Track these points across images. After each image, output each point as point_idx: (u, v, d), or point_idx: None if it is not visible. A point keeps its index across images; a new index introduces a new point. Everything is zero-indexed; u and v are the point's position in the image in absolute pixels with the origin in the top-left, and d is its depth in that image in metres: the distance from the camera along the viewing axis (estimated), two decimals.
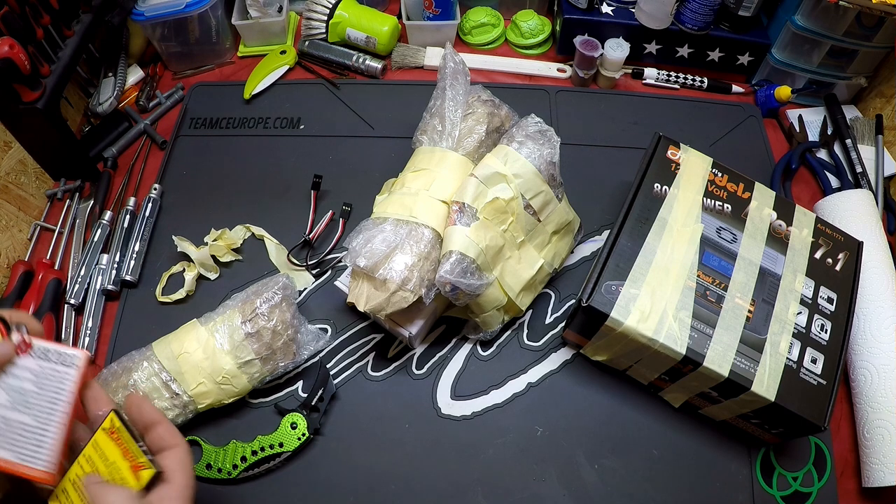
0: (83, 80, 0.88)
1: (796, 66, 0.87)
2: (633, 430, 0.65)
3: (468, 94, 0.68)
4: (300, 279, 0.72)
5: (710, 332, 0.58)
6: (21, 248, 0.75)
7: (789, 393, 0.56)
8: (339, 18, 0.91)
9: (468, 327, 0.68)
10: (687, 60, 0.92)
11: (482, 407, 0.65)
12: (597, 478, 0.62)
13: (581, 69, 0.89)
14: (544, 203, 0.64)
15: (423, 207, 0.61)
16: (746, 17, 0.86)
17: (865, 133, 0.86)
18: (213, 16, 0.86)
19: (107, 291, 0.71)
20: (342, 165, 0.81)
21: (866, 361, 0.64)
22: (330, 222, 0.76)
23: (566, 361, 0.68)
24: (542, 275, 0.68)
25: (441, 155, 0.64)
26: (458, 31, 0.96)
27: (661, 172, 0.67)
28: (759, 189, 0.68)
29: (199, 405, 0.59)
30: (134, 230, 0.74)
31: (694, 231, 0.63)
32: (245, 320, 0.61)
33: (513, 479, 0.62)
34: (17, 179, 0.74)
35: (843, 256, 0.65)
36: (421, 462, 0.63)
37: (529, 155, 0.62)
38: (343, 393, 0.66)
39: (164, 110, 0.87)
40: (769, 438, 0.63)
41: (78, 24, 0.77)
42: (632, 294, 0.59)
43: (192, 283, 0.71)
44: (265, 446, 0.60)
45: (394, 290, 0.57)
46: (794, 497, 0.62)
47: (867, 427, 0.63)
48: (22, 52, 0.64)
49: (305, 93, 0.89)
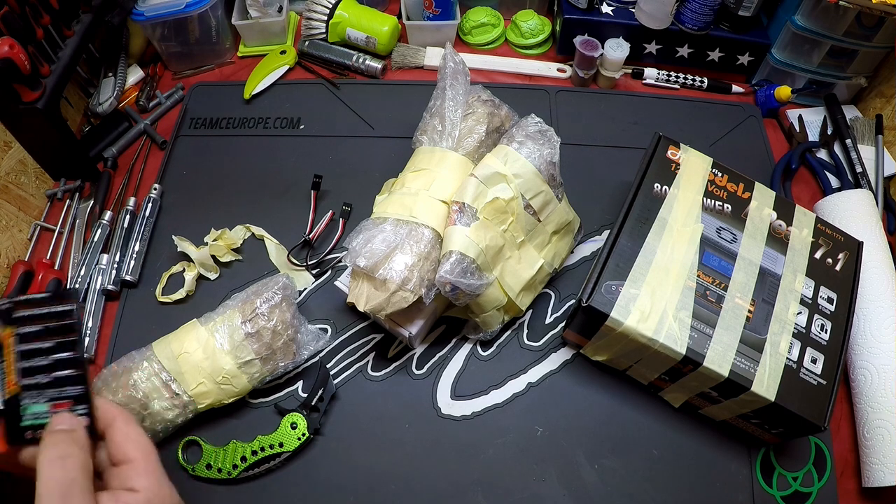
0: (83, 80, 0.88)
1: (796, 66, 0.88)
2: (633, 430, 0.65)
3: (468, 94, 0.68)
4: (300, 279, 0.72)
5: (710, 332, 0.58)
6: (21, 248, 0.75)
7: (789, 393, 0.56)
8: (339, 18, 0.91)
9: (468, 327, 0.68)
10: (687, 60, 0.92)
11: (482, 407, 0.65)
12: (597, 478, 0.62)
13: (581, 69, 0.89)
14: (544, 203, 0.64)
15: (423, 207, 0.61)
16: (746, 17, 0.86)
17: (865, 133, 0.86)
18: (213, 16, 0.86)
19: (107, 291, 0.71)
20: (342, 165, 0.81)
21: (866, 361, 0.64)
22: (330, 222, 0.76)
23: (566, 361, 0.68)
24: (542, 275, 0.68)
25: (441, 155, 0.64)
26: (458, 31, 0.96)
27: (661, 172, 0.67)
28: (759, 189, 0.68)
29: (199, 405, 0.59)
30: (134, 230, 0.74)
31: (694, 231, 0.63)
32: (245, 320, 0.61)
33: (513, 479, 0.62)
34: (17, 179, 0.74)
35: (843, 256, 0.65)
36: (421, 462, 0.63)
37: (529, 155, 0.62)
38: (343, 393, 0.66)
39: (164, 110, 0.87)
40: (769, 438, 0.63)
41: (78, 24, 0.77)
42: (632, 294, 0.59)
43: (192, 283, 0.71)
44: (265, 446, 0.60)
45: (394, 290, 0.57)
46: (794, 497, 0.62)
47: (867, 427, 0.63)
48: (22, 52, 0.64)
49: (305, 93, 0.89)
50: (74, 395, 0.42)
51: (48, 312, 0.43)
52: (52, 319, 0.43)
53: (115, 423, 0.41)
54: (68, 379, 0.42)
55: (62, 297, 0.43)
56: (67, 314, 0.43)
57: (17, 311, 0.43)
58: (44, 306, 0.43)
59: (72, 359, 0.42)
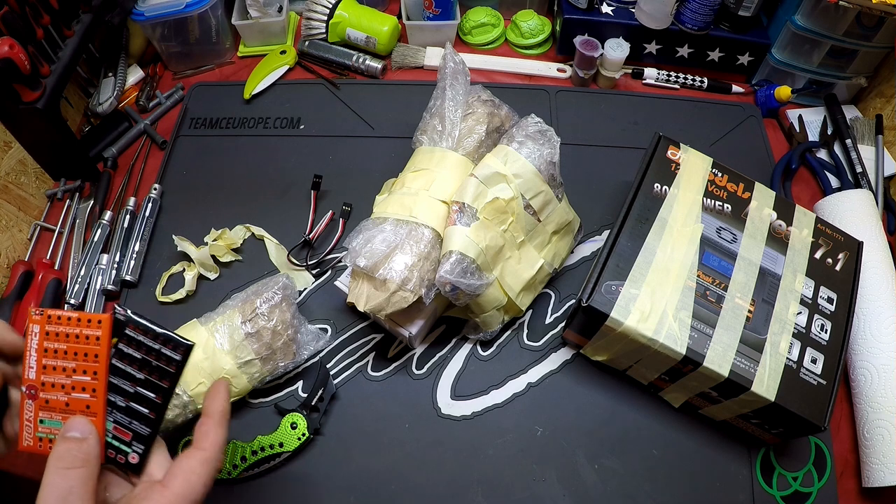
0: (83, 80, 0.88)
1: (796, 66, 0.88)
2: (633, 430, 0.65)
3: (468, 94, 0.68)
4: (300, 279, 0.72)
5: (710, 332, 0.58)
6: (21, 248, 0.75)
7: (789, 393, 0.56)
8: (339, 18, 0.91)
9: (468, 327, 0.68)
10: (687, 60, 0.92)
11: (482, 407, 0.65)
12: (597, 478, 0.62)
13: (581, 69, 0.89)
14: (544, 203, 0.64)
15: (423, 207, 0.61)
16: (746, 17, 0.86)
17: (865, 133, 0.86)
18: (213, 16, 0.86)
19: (107, 291, 0.71)
20: (342, 165, 0.81)
21: (866, 361, 0.64)
22: (330, 222, 0.76)
23: (566, 361, 0.68)
24: (542, 275, 0.68)
25: (441, 155, 0.64)
26: (458, 31, 0.96)
27: (661, 172, 0.67)
28: (759, 189, 0.68)
29: (199, 405, 0.59)
30: (134, 230, 0.74)
31: (694, 231, 0.63)
32: (245, 320, 0.61)
33: (513, 479, 0.62)
34: (17, 179, 0.74)
35: (843, 256, 0.65)
36: (421, 462, 0.63)
37: (529, 155, 0.62)
38: (343, 393, 0.66)
39: (164, 110, 0.87)
40: (769, 438, 0.63)
41: (78, 24, 0.77)
42: (632, 294, 0.59)
43: (192, 283, 0.71)
44: (265, 446, 0.60)
45: (394, 290, 0.57)
46: (794, 497, 0.62)
47: (867, 427, 0.63)
48: (22, 52, 0.64)
49: (305, 93, 0.89)
50: (140, 432, 0.41)
51: (158, 350, 0.42)
52: (157, 357, 0.42)
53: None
54: (141, 416, 0.41)
55: (177, 345, 0.42)
56: (173, 361, 0.42)
57: (131, 330, 0.42)
58: (157, 341, 0.42)
59: (154, 402, 0.41)
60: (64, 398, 0.40)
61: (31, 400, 0.40)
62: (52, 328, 0.40)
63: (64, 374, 0.40)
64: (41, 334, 0.40)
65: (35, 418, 0.40)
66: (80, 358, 0.41)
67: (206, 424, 0.42)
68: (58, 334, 0.40)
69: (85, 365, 0.41)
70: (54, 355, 0.41)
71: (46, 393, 0.40)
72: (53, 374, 0.40)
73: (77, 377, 0.40)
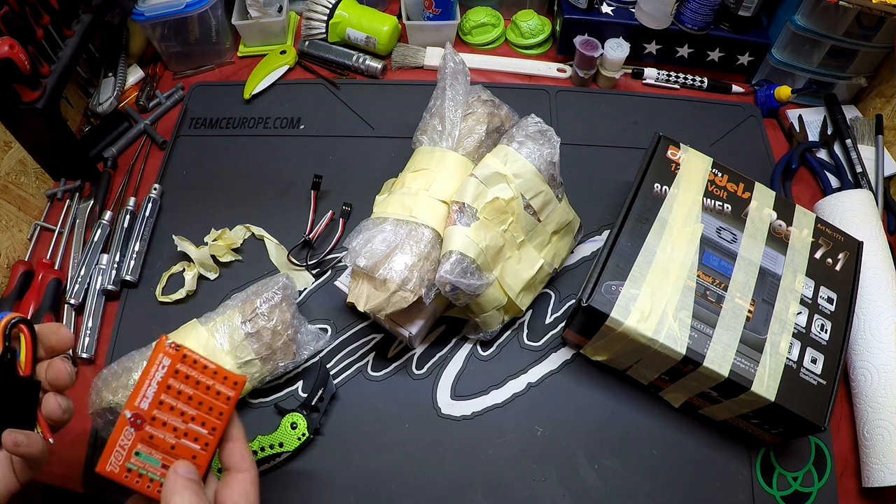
0: (83, 80, 0.88)
1: (796, 66, 0.88)
2: (633, 430, 0.65)
3: (468, 94, 0.68)
4: (300, 279, 0.72)
5: (710, 332, 0.58)
6: (21, 248, 0.75)
7: (789, 393, 0.56)
8: (339, 18, 0.91)
9: (468, 327, 0.68)
10: (687, 60, 0.92)
11: (482, 407, 0.65)
12: (597, 478, 0.62)
13: (581, 69, 0.89)
14: (544, 203, 0.64)
15: (423, 207, 0.61)
16: (746, 17, 0.86)
17: (865, 133, 0.86)
18: (213, 16, 0.86)
19: (107, 291, 0.71)
20: (342, 165, 0.81)
21: (866, 361, 0.64)
22: (330, 222, 0.76)
23: (566, 361, 0.68)
24: (542, 275, 0.68)
25: (441, 155, 0.64)
26: (458, 31, 0.96)
27: (661, 172, 0.67)
28: (759, 189, 0.68)
29: None
30: (134, 230, 0.74)
31: (694, 231, 0.63)
32: (245, 320, 0.61)
33: (513, 479, 0.62)
34: (17, 179, 0.74)
35: (843, 256, 0.65)
36: (421, 462, 0.63)
37: (529, 155, 0.62)
38: (343, 393, 0.66)
39: (164, 110, 0.87)
40: (769, 438, 0.63)
41: (78, 24, 0.77)
42: (632, 294, 0.59)
43: (192, 283, 0.71)
44: (265, 446, 0.60)
45: (394, 290, 0.57)
46: (794, 497, 0.62)
47: (867, 427, 0.63)
48: (22, 52, 0.64)
49: (305, 93, 0.89)
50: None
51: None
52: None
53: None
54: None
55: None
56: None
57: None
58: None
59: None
60: (172, 440, 0.39)
61: (132, 428, 0.39)
62: (183, 368, 0.39)
63: (181, 419, 0.39)
64: (170, 370, 0.39)
65: (131, 448, 0.38)
66: (204, 409, 0.40)
67: (237, 448, 0.41)
68: (188, 377, 0.39)
69: (206, 417, 0.40)
70: (176, 396, 0.39)
71: (154, 429, 0.39)
72: (169, 413, 0.39)
73: (192, 426, 0.39)
